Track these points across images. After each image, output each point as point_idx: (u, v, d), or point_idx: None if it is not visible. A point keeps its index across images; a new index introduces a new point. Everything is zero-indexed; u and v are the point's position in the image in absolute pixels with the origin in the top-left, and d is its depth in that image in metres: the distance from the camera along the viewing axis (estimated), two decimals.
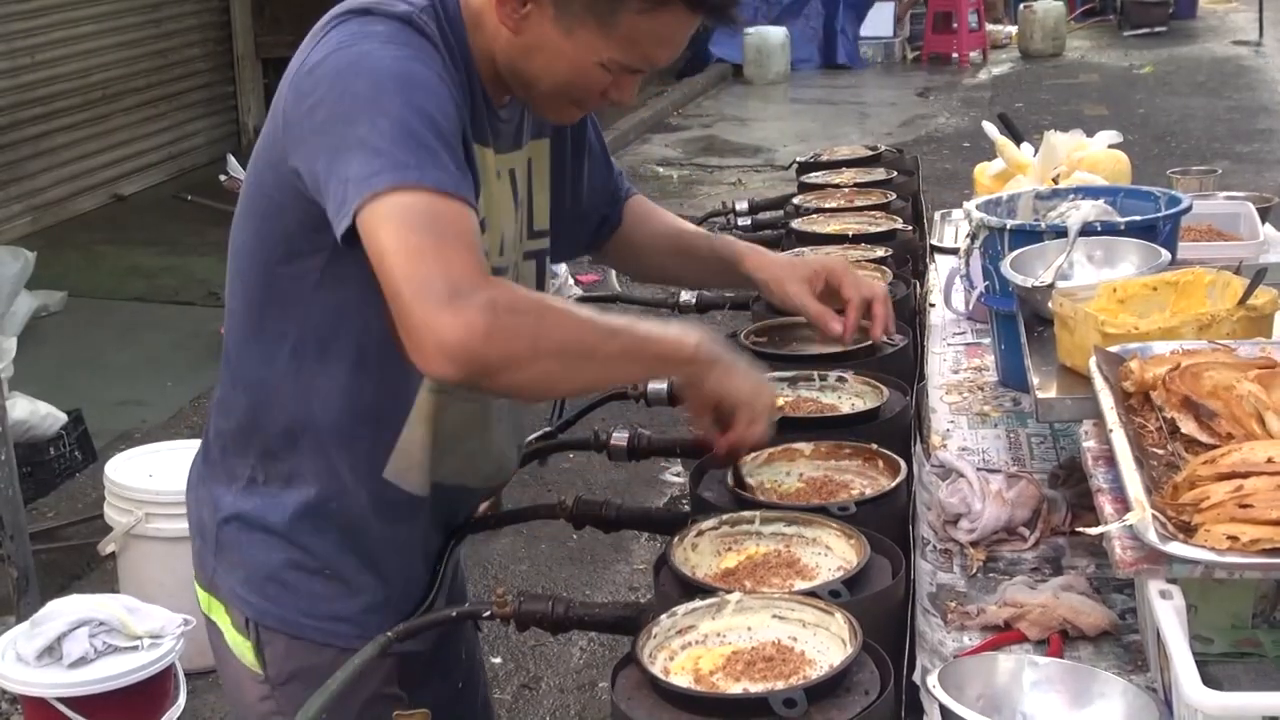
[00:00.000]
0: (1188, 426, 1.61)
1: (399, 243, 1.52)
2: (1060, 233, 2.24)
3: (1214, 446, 1.55)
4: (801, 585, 1.65)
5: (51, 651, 3.09)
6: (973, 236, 2.41)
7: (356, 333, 1.75)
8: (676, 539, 1.73)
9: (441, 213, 1.55)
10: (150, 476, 3.90)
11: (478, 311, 1.50)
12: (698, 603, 1.56)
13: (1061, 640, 1.64)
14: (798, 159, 3.70)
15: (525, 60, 1.74)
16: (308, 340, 1.77)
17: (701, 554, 1.74)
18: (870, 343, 2.17)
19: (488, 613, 1.71)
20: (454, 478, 1.90)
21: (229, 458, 1.88)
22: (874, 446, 1.95)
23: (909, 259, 2.84)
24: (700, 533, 1.75)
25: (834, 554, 1.72)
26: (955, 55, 14.26)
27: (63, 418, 4.98)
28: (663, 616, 1.54)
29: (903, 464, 1.91)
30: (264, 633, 1.86)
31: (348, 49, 1.63)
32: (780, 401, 2.17)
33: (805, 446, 1.98)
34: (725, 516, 1.78)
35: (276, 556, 1.84)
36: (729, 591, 1.59)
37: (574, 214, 2.05)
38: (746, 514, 1.79)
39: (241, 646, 1.88)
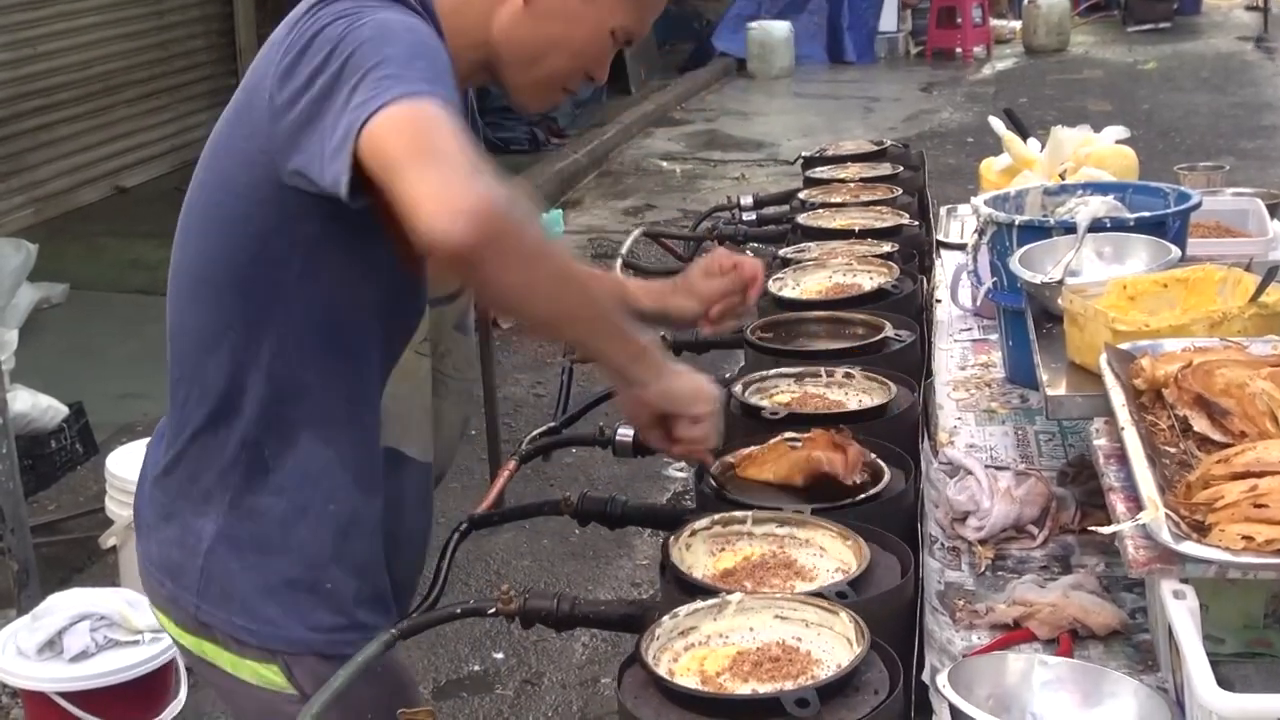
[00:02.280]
0: (1200, 425, 1.60)
1: (413, 135, 1.43)
2: (1069, 229, 2.22)
3: (1226, 445, 1.54)
4: (803, 586, 1.64)
5: (52, 645, 3.09)
6: (981, 232, 2.40)
7: (343, 315, 1.69)
8: (672, 539, 1.72)
9: (458, 128, 1.45)
10: None
11: (500, 186, 1.46)
12: (699, 603, 1.55)
13: (1071, 639, 1.62)
14: (803, 153, 3.68)
15: (533, 32, 1.69)
16: (289, 338, 1.69)
17: (695, 554, 1.73)
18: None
19: (492, 610, 1.70)
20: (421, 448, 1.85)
21: (200, 484, 1.77)
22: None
23: (915, 254, 2.83)
24: (693, 533, 1.74)
25: (829, 555, 1.71)
26: (959, 50, 14.23)
27: (64, 410, 4.96)
28: (665, 618, 1.52)
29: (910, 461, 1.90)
30: (287, 656, 1.75)
31: (344, 18, 1.53)
32: (786, 398, 2.16)
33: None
34: (717, 516, 1.77)
35: (273, 576, 1.74)
36: (730, 592, 1.57)
37: None
38: (739, 514, 1.77)
39: (263, 673, 1.76)
